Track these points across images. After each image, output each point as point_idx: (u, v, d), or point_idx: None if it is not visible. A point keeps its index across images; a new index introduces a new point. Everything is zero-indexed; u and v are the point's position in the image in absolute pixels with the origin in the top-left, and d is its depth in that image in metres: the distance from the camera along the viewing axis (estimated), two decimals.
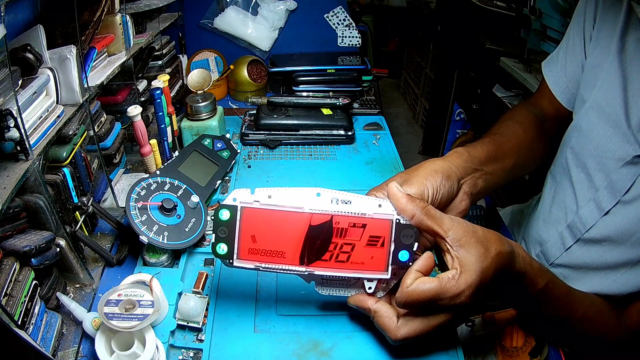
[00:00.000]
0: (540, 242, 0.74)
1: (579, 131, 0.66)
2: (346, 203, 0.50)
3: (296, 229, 0.49)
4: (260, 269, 0.50)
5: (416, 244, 0.49)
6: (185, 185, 0.74)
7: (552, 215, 0.73)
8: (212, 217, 0.50)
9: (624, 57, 0.59)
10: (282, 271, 0.51)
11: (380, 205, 0.50)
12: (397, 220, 0.49)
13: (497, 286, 0.50)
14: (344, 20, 1.30)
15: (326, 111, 1.05)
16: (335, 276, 0.52)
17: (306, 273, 0.51)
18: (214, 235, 0.50)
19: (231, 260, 0.50)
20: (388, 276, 0.50)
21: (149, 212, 0.67)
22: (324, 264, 0.50)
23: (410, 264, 0.50)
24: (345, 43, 1.32)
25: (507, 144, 0.69)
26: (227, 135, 0.93)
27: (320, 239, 0.50)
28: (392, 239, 0.50)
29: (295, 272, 0.51)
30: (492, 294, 0.52)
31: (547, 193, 0.76)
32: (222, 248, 0.50)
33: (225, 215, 0.50)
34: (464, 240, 0.47)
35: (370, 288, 0.52)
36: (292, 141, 1.03)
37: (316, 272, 0.50)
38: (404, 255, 0.50)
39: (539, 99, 0.78)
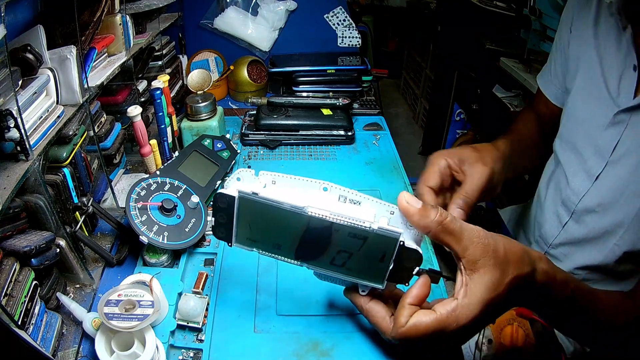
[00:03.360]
0: (539, 226, 0.77)
1: (567, 117, 0.71)
2: (355, 203, 0.46)
3: (293, 228, 0.47)
4: (259, 252, 0.51)
5: (417, 268, 0.46)
6: (185, 186, 0.74)
7: (548, 199, 0.76)
8: (212, 202, 0.50)
9: (598, 41, 0.65)
10: (279, 259, 0.51)
11: (392, 213, 0.46)
12: (402, 243, 0.44)
13: (511, 304, 0.47)
14: (344, 20, 1.30)
15: (326, 111, 1.05)
16: (330, 275, 0.51)
17: (302, 266, 0.50)
18: (214, 219, 0.51)
19: (230, 244, 0.51)
20: (382, 287, 0.48)
21: (149, 212, 0.67)
22: (319, 262, 0.49)
23: (407, 285, 0.47)
24: (345, 43, 1.32)
25: (520, 143, 0.73)
26: (227, 136, 0.93)
27: (317, 242, 0.47)
28: (393, 259, 0.45)
29: (291, 264, 0.51)
30: (505, 309, 0.49)
31: (542, 185, 0.80)
32: (222, 231, 0.51)
33: (223, 203, 0.49)
34: (480, 263, 0.43)
35: (363, 291, 0.50)
36: (292, 141, 1.03)
37: (311, 268, 0.50)
38: (401, 276, 0.47)
39: (537, 105, 0.83)
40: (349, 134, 1.03)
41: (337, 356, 0.56)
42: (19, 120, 0.50)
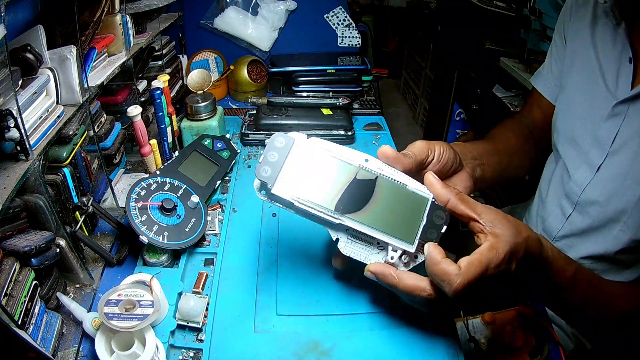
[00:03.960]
0: (542, 221, 0.78)
1: (564, 113, 0.72)
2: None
3: (341, 177, 0.51)
4: (296, 203, 0.51)
5: (445, 227, 0.50)
6: (185, 185, 0.74)
7: (550, 195, 0.77)
8: (267, 140, 0.52)
9: (595, 39, 0.67)
10: (315, 211, 0.51)
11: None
12: (434, 200, 0.52)
13: (526, 274, 0.49)
14: (344, 20, 1.30)
15: (326, 111, 1.05)
16: (363, 233, 0.51)
17: (337, 222, 0.51)
18: (262, 156, 0.51)
19: (270, 186, 0.51)
20: (413, 250, 0.51)
21: (149, 212, 0.67)
22: (357, 216, 0.51)
23: (435, 242, 0.50)
24: (345, 43, 1.32)
25: (501, 145, 0.74)
26: (227, 136, 0.93)
27: (360, 193, 0.51)
28: (426, 214, 0.51)
29: (326, 218, 0.51)
30: (521, 283, 0.52)
31: (543, 183, 0.81)
32: (267, 170, 0.51)
33: (280, 142, 0.52)
34: (496, 221, 0.48)
35: (392, 257, 0.51)
36: None
37: (346, 223, 0.51)
38: (432, 234, 0.51)
39: (528, 109, 0.85)
40: (349, 133, 1.03)
41: (337, 356, 0.56)
42: (19, 120, 0.50)
